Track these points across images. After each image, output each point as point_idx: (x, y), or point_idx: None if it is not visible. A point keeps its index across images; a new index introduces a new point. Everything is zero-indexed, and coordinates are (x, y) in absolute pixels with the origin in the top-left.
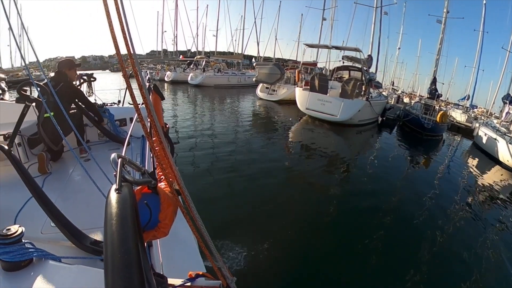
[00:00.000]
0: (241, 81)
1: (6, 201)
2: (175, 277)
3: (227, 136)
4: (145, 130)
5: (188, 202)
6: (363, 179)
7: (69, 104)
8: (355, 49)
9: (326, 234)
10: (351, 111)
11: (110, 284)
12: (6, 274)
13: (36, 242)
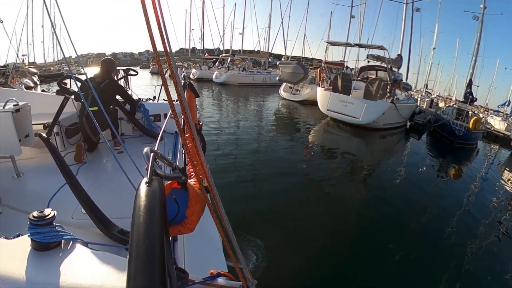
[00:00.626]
0: (266, 80)
1: (42, 185)
2: (197, 274)
3: (248, 135)
4: (178, 126)
5: (216, 200)
6: (384, 186)
7: (112, 99)
8: (379, 47)
9: (343, 241)
10: (374, 114)
11: (132, 273)
12: (36, 253)
13: (66, 226)
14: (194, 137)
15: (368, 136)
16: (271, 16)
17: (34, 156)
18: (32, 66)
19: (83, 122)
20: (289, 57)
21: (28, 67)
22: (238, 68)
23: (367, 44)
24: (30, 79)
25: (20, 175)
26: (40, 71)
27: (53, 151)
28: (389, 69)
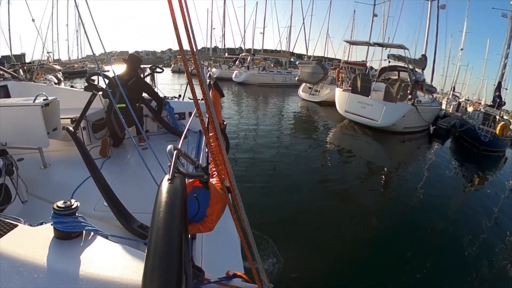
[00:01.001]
0: (286, 80)
1: (67, 177)
2: (213, 273)
3: (266, 136)
4: (202, 125)
5: (237, 201)
6: (404, 193)
7: (138, 97)
8: (399, 46)
9: (361, 248)
10: (393, 116)
11: (149, 267)
12: (58, 242)
13: (88, 217)
14: (218, 137)
15: (387, 140)
16: (292, 15)
17: (61, 149)
18: (56, 63)
19: (112, 118)
20: (311, 57)
21: (53, 64)
22: (258, 68)
23: (388, 43)
24: (54, 76)
25: (47, 166)
26: (64, 68)
27: (79, 144)
28: (410, 70)
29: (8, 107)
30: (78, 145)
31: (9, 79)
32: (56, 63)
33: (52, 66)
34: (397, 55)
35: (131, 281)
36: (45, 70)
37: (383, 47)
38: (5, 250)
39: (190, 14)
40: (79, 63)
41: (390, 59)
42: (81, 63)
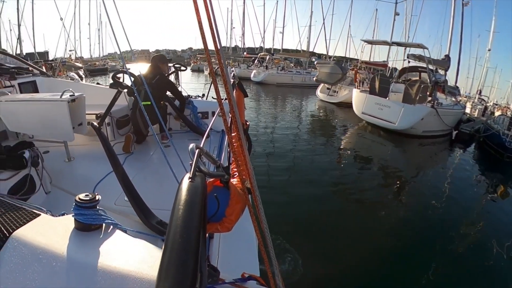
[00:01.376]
0: (305, 80)
1: (90, 171)
2: (228, 273)
3: (282, 137)
4: (225, 125)
5: (257, 202)
6: (422, 200)
7: (162, 95)
8: (418, 46)
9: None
10: (412, 119)
11: (165, 264)
12: (78, 233)
13: (108, 211)
14: (241, 137)
15: (405, 144)
16: (312, 14)
17: (85, 143)
18: (78, 61)
19: (136, 115)
20: (331, 57)
21: (74, 62)
22: (276, 68)
23: (406, 42)
24: (75, 73)
25: (71, 160)
26: (85, 65)
27: (103, 140)
28: (430, 70)
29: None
30: (102, 140)
31: (37, 75)
32: (78, 61)
33: (73, 63)
34: (417, 55)
35: (146, 276)
36: (67, 67)
37: (402, 47)
38: (27, 238)
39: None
40: (100, 61)
41: (410, 59)
42: (102, 61)
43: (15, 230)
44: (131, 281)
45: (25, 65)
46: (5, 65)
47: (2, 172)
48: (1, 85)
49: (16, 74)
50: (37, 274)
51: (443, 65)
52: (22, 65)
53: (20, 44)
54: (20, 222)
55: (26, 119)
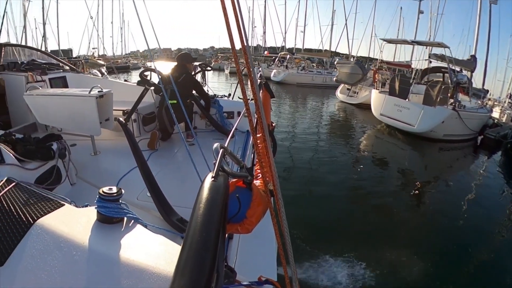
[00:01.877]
0: (326, 81)
1: (115, 165)
2: (245, 275)
3: (299, 139)
4: (251, 125)
5: (279, 205)
6: (442, 208)
7: (189, 93)
8: (439, 44)
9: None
10: (432, 122)
11: (182, 261)
12: (99, 225)
13: (130, 205)
14: (266, 138)
15: (424, 147)
16: (333, 12)
17: (112, 138)
18: (101, 59)
19: (163, 113)
20: (354, 56)
21: (97, 59)
22: (297, 67)
23: (426, 41)
24: (98, 70)
25: (97, 153)
26: (108, 63)
27: (129, 135)
28: (451, 70)
29: (66, 96)
30: (128, 136)
31: (67, 71)
32: (101, 59)
33: (96, 61)
34: (439, 54)
35: (163, 271)
36: (90, 65)
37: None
38: (50, 226)
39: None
40: (123, 59)
41: (432, 59)
42: (124, 58)
43: (40, 218)
44: (148, 275)
45: (56, 61)
46: (37, 61)
47: (30, 162)
48: (33, 80)
49: (47, 70)
50: (58, 261)
51: (468, 66)
52: (53, 61)
53: (45, 41)
54: (44, 210)
55: (55, 113)
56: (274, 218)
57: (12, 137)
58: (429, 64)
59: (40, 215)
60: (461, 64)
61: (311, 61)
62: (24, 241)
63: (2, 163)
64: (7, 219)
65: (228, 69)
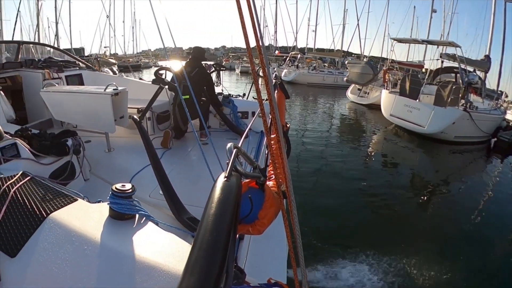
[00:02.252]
0: (337, 81)
1: (128, 162)
2: (254, 277)
3: (309, 141)
4: (265, 126)
5: (291, 207)
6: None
7: (202, 88)
8: (450, 44)
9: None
10: (442, 123)
11: (192, 260)
12: (111, 221)
13: (142, 202)
14: (280, 139)
15: (434, 149)
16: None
17: (126, 136)
18: (112, 57)
19: (175, 110)
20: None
21: (108, 58)
22: (308, 67)
23: (437, 40)
24: (109, 69)
25: (111, 150)
26: (119, 62)
27: (143, 133)
28: (462, 70)
29: (81, 93)
30: (142, 134)
31: (83, 69)
32: (112, 57)
33: (107, 60)
34: (451, 54)
35: (172, 269)
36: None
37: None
38: (63, 220)
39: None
40: (134, 58)
41: (443, 59)
42: (135, 57)
43: (53, 212)
44: (157, 272)
45: (72, 59)
46: (53, 58)
47: (46, 157)
48: (50, 77)
49: (63, 67)
50: (69, 255)
51: (482, 66)
52: (69, 59)
53: (58, 40)
54: (58, 205)
55: (71, 110)
56: (286, 220)
57: (28, 132)
58: (442, 64)
59: (54, 209)
60: (474, 65)
61: (323, 61)
62: (36, 234)
63: (18, 157)
64: (21, 212)
65: (239, 69)
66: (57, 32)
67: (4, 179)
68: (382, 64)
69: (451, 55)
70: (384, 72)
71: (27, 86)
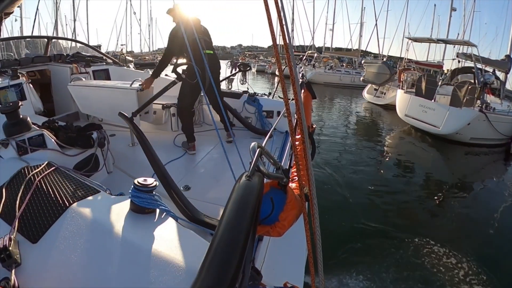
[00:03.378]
0: (354, 81)
1: None
2: (270, 279)
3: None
4: (290, 126)
5: (313, 211)
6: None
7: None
8: (465, 43)
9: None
10: (457, 124)
11: (209, 258)
12: (132, 214)
13: (163, 197)
14: (305, 140)
15: (449, 150)
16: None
17: (150, 131)
18: (129, 55)
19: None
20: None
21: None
22: (324, 67)
23: (452, 40)
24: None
25: (134, 145)
26: (135, 59)
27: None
28: (478, 70)
29: (108, 88)
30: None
31: (110, 64)
32: (129, 55)
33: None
34: (468, 53)
35: (189, 266)
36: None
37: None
38: (84, 210)
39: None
40: (150, 56)
41: (460, 58)
42: (151, 55)
43: (75, 202)
44: (173, 268)
45: (100, 55)
46: (81, 53)
47: (71, 149)
48: (77, 71)
49: (91, 62)
50: (88, 244)
51: (502, 67)
52: (97, 54)
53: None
54: (80, 195)
55: (97, 103)
56: (307, 224)
57: (55, 124)
58: (461, 64)
59: (76, 200)
60: (494, 65)
61: (341, 60)
62: (58, 222)
63: (44, 147)
64: (44, 200)
65: (255, 67)
66: (74, 30)
67: (30, 168)
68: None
69: (468, 54)
70: (399, 72)
71: (55, 79)
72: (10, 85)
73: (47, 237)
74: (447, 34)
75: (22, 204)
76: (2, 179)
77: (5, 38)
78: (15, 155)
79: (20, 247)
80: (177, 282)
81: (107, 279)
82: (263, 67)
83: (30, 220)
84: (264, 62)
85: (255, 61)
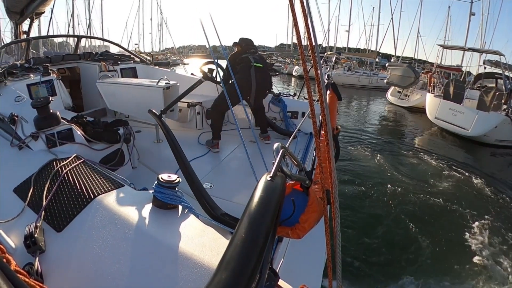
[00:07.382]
0: (372, 82)
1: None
2: (287, 281)
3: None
4: (314, 127)
5: (335, 215)
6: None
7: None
8: (495, 52)
9: None
10: (485, 126)
11: (227, 257)
12: (154, 209)
13: (186, 194)
14: (329, 142)
15: (476, 151)
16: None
17: (175, 129)
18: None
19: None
20: (399, 58)
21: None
22: (343, 68)
23: (482, 48)
24: None
25: (159, 142)
26: None
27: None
28: (505, 77)
29: (135, 86)
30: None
31: (138, 62)
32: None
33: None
34: (494, 61)
35: (207, 263)
36: None
37: (478, 52)
38: (108, 203)
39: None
40: (162, 55)
41: (486, 65)
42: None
43: (100, 195)
44: (192, 264)
45: (128, 54)
46: (110, 52)
47: (98, 143)
48: (105, 69)
49: (119, 61)
50: (110, 236)
51: None
52: (125, 53)
53: None
54: (105, 188)
55: (124, 100)
56: (328, 228)
57: (83, 119)
58: (484, 70)
59: (101, 192)
60: (504, 68)
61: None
62: (83, 213)
63: (73, 141)
64: (71, 191)
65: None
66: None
67: (59, 160)
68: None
69: (494, 61)
70: (429, 76)
71: (84, 77)
72: (41, 81)
73: (71, 227)
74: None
75: (49, 194)
76: (31, 170)
77: (40, 37)
78: (45, 148)
79: (45, 235)
80: (195, 278)
81: (127, 270)
82: (278, 68)
83: (56, 210)
84: (279, 62)
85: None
